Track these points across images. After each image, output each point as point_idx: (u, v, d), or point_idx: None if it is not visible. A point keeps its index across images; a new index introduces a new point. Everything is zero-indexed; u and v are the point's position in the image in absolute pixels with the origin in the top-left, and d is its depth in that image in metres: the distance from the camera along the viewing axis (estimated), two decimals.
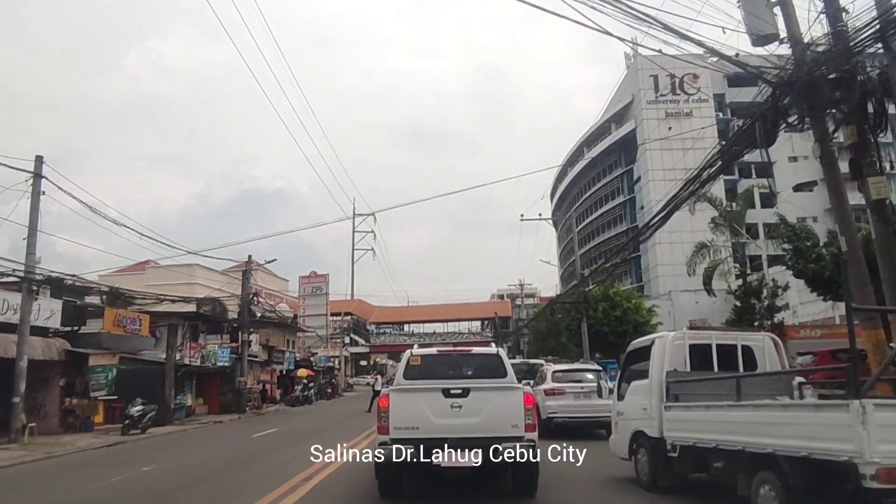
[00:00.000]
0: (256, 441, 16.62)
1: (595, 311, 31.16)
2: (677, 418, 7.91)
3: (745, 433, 6.40)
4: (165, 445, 16.47)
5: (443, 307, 75.26)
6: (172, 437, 18.94)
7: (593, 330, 30.64)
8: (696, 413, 7.56)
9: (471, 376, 8.33)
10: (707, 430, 7.16)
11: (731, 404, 6.94)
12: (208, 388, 28.82)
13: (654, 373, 8.44)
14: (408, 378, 8.21)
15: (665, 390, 8.19)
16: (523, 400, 7.72)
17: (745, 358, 8.42)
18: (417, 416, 7.57)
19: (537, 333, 45.99)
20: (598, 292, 32.05)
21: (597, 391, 13.55)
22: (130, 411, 18.68)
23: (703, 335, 8.90)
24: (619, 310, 31.52)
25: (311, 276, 59.82)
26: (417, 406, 7.66)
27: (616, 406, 9.77)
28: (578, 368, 17.25)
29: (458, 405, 7.60)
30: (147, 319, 22.20)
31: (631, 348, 10.12)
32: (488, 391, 7.81)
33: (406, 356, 8.56)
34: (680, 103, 66.82)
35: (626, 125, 71.32)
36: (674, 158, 64.07)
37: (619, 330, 30.68)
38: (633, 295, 33.26)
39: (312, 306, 58.91)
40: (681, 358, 8.46)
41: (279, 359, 39.58)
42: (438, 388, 7.74)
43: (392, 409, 7.64)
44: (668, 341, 8.59)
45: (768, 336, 8.98)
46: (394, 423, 7.58)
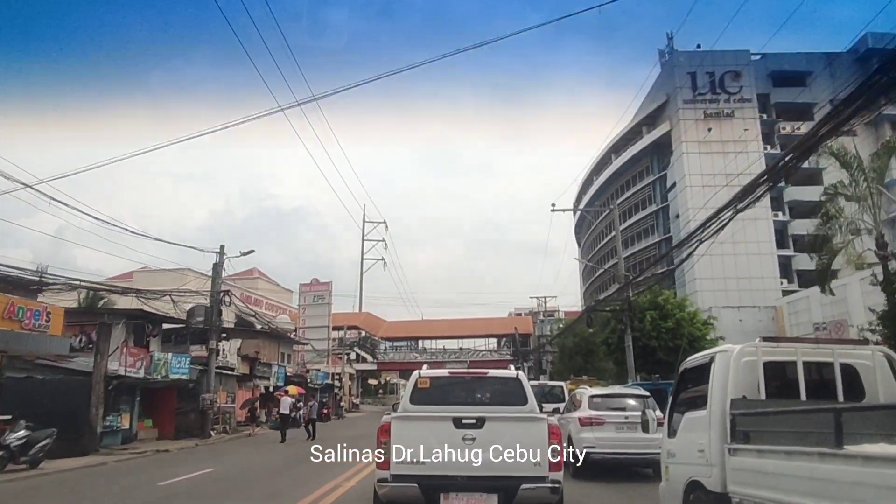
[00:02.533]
0: (156, 494, 11.04)
1: (641, 323, 25.37)
2: (746, 467, 5.62)
3: (848, 499, 4.14)
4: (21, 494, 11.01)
5: (458, 322, 69.25)
6: (67, 476, 13.47)
7: (639, 344, 24.90)
8: (773, 461, 5.17)
9: (487, 403, 7.50)
10: (791, 490, 4.79)
11: (828, 452, 4.42)
12: (161, 407, 23.43)
13: (715, 401, 6.23)
14: (415, 403, 7.33)
15: (730, 426, 5.95)
16: (548, 433, 6.78)
17: (846, 383, 6.14)
18: (424, 449, 6.65)
19: (563, 351, 40.03)
20: (644, 299, 26.28)
21: (641, 424, 10.12)
22: (7, 439, 13.24)
23: (783, 350, 6.41)
24: (670, 320, 25.73)
25: (313, 283, 54.57)
26: (424, 437, 6.73)
27: (666, 444, 7.37)
28: (621, 394, 14.28)
29: (472, 437, 6.69)
30: (59, 314, 16.80)
31: (684, 367, 7.48)
32: (506, 422, 6.88)
33: (413, 378, 7.75)
34: (720, 103, 61.12)
35: (659, 128, 65.67)
36: (713, 163, 58.48)
37: (671, 345, 24.88)
38: (686, 303, 27.38)
39: (314, 317, 53.62)
40: (752, 381, 6.16)
41: (264, 373, 34.03)
42: (449, 416, 6.84)
43: (394, 440, 6.73)
44: (734, 357, 6.29)
45: (881, 351, 6.44)
46: (396, 457, 6.66)
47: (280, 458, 16.83)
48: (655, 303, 26.42)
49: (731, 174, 54.17)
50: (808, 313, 47.21)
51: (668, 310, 26.26)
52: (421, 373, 7.78)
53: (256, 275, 61.88)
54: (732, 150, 57.34)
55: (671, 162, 63.68)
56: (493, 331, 68.74)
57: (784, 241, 58.72)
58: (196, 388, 24.40)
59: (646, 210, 68.56)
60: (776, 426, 5.63)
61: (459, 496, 6.56)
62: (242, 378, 30.59)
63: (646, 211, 68.45)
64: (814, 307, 46.97)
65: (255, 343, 40.90)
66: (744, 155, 55.25)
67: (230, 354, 27.98)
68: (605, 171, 78.62)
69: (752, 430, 5.78)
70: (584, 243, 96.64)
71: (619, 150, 74.44)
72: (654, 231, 67.43)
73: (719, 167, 57.00)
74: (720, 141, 59.54)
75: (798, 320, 47.82)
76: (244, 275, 61.48)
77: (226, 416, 26.44)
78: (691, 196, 58.28)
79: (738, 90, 61.03)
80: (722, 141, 59.47)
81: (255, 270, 62.82)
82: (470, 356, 65.18)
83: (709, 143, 59.73)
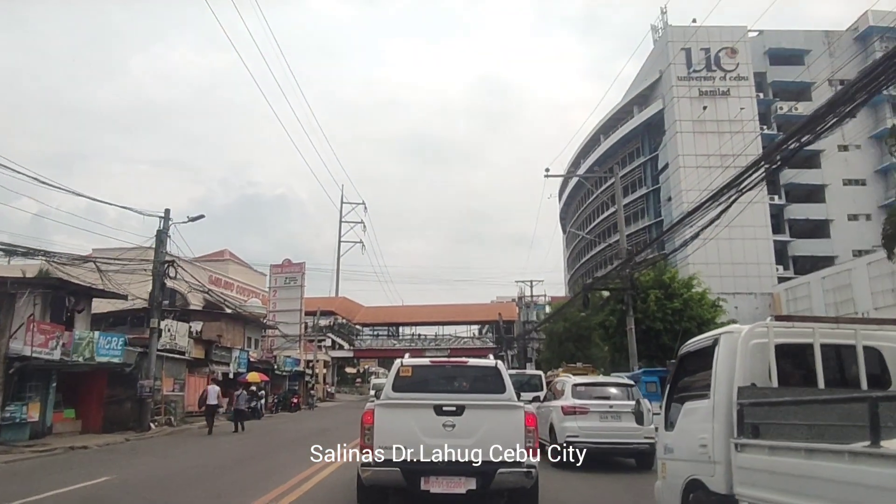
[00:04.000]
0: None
1: (643, 303, 22.43)
2: (757, 466, 4.70)
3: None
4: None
5: (439, 308, 65.95)
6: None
7: (641, 328, 21.94)
8: (790, 460, 4.29)
9: (466, 391, 7.65)
10: (813, 495, 3.97)
11: (862, 451, 3.60)
12: (87, 396, 20.06)
13: (720, 390, 5.34)
14: (397, 391, 7.43)
15: (737, 418, 5.04)
16: (524, 420, 7.02)
17: (870, 368, 5.20)
18: (405, 435, 6.85)
19: (552, 337, 37.00)
20: (648, 277, 23.31)
21: (635, 415, 9.40)
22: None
23: (798, 331, 5.36)
24: (677, 301, 22.81)
25: (285, 264, 51.09)
26: (406, 424, 6.94)
27: (663, 438, 6.47)
28: (604, 382, 14.19)
29: (451, 424, 6.90)
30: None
31: (684, 351, 6.45)
32: (485, 409, 7.11)
33: (396, 366, 7.77)
34: (716, 80, 58.47)
35: (651, 106, 62.79)
36: (708, 143, 55.72)
37: (677, 329, 21.93)
38: (693, 282, 24.43)
39: (285, 300, 50.10)
40: (763, 366, 5.22)
41: (223, 358, 30.69)
42: (430, 404, 7.03)
43: (377, 426, 6.95)
44: (742, 339, 5.32)
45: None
46: (378, 443, 6.87)
47: (209, 460, 13.65)
48: (660, 281, 23.49)
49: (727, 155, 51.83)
50: (809, 300, 44.79)
51: (674, 289, 23.37)
52: (403, 361, 7.85)
53: (227, 256, 58.34)
54: (728, 130, 54.71)
55: (664, 142, 60.88)
56: (475, 317, 65.60)
57: (780, 226, 56.31)
58: (135, 374, 21.07)
59: (636, 193, 65.74)
60: (792, 418, 4.93)
61: (439, 480, 6.73)
62: (195, 363, 27.23)
63: (636, 194, 65.63)
64: (815, 293, 44.58)
65: (217, 326, 37.56)
66: (740, 135, 52.75)
67: (179, 336, 24.60)
68: (592, 154, 75.72)
69: (763, 423, 5.00)
70: (569, 230, 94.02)
71: (608, 131, 71.58)
72: (645, 214, 64.75)
73: (714, 147, 54.43)
74: (715, 120, 56.84)
75: (798, 307, 45.32)
76: (214, 256, 58.16)
77: (171, 407, 23.12)
78: (685, 177, 55.59)
79: (735, 67, 58.43)
80: (717, 120, 56.78)
81: (226, 252, 59.23)
82: (451, 343, 62.05)
83: (703, 122, 57.03)
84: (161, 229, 21.52)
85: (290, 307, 49.69)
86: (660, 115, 61.04)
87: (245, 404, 26.19)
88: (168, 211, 21.81)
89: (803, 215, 56.72)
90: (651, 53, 64.22)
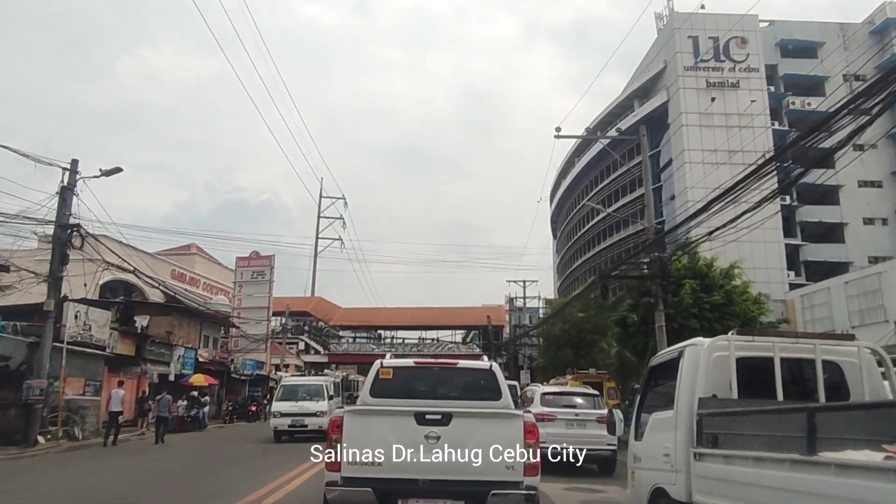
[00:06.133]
0: None
1: (675, 296, 17.95)
2: (713, 474, 5.01)
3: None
4: None
5: (422, 311, 61.18)
6: None
7: (673, 325, 17.41)
8: (741, 469, 4.61)
9: (456, 397, 6.81)
10: (759, 501, 4.33)
11: (799, 459, 3.99)
12: None
13: (682, 400, 5.63)
14: (375, 395, 6.61)
15: (696, 428, 5.33)
16: (524, 431, 6.04)
17: (829, 382, 5.52)
18: (380, 449, 5.90)
19: (550, 341, 32.36)
20: (679, 264, 18.86)
21: (606, 425, 11.59)
22: None
23: (760, 344, 5.66)
24: (717, 294, 18.31)
25: (252, 257, 46.18)
26: (381, 434, 5.96)
27: (632, 448, 6.84)
28: (571, 392, 14.83)
29: (436, 435, 5.94)
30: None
31: (653, 363, 6.95)
32: (477, 418, 6.16)
33: (375, 368, 6.92)
34: (724, 72, 54.66)
35: (653, 98, 58.71)
36: (716, 137, 51.76)
37: (717, 328, 17.49)
38: (735, 270, 19.98)
39: (252, 297, 45.15)
40: (724, 378, 5.51)
41: (161, 356, 25.77)
42: (410, 411, 6.05)
43: (347, 437, 5.92)
44: (704, 352, 5.66)
45: (867, 347, 5.69)
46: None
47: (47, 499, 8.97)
48: (695, 269, 19.00)
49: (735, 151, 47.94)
50: (829, 307, 40.55)
51: (712, 279, 18.86)
52: (383, 362, 7.08)
53: (194, 250, 53.56)
54: (737, 125, 50.84)
55: (667, 137, 56.76)
56: (461, 321, 60.77)
57: (791, 229, 52.31)
58: (24, 372, 16.24)
59: (635, 192, 61.50)
60: (748, 429, 5.01)
61: (420, 503, 5.86)
62: (121, 361, 22.30)
63: (635, 193, 61.38)
64: (836, 300, 40.46)
65: (166, 321, 32.65)
66: (749, 130, 48.91)
67: (97, 326, 19.73)
68: (588, 152, 71.69)
69: (721, 433, 5.18)
70: (560, 235, 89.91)
71: (605, 126, 67.48)
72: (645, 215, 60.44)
73: (722, 143, 50.52)
74: (723, 113, 52.97)
75: (815, 315, 41.11)
76: (181, 250, 53.23)
77: (77, 415, 18.20)
78: (690, 173, 51.56)
79: (745, 58, 54.67)
80: (726, 114, 52.91)
81: (193, 246, 54.48)
82: (435, 349, 57.23)
83: (711, 115, 53.11)
84: (65, 185, 16.68)
85: (257, 304, 44.76)
86: (663, 108, 57.12)
87: (185, 412, 21.44)
88: (75, 162, 17.00)
89: (816, 218, 52.76)
90: (654, 43, 60.36)
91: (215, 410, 32.65)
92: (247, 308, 44.26)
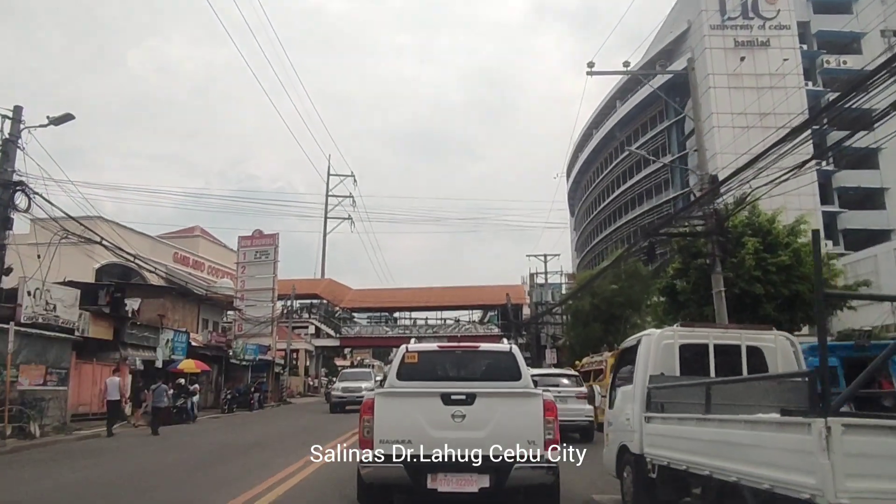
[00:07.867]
0: None
1: (734, 258, 15.09)
2: (656, 432, 6.65)
3: (711, 455, 5.23)
4: None
5: (436, 291, 58.40)
6: None
7: (734, 291, 14.60)
8: (670, 426, 6.37)
9: (478, 378, 7.13)
10: (678, 448, 5.97)
11: (700, 417, 5.67)
12: None
13: (639, 377, 7.23)
14: (402, 378, 6.88)
15: (647, 398, 6.93)
16: (543, 409, 6.46)
17: (752, 362, 6.94)
18: (410, 428, 6.30)
19: (578, 317, 29.51)
20: (737, 220, 15.98)
21: (587, 397, 14.96)
22: None
23: (696, 334, 7.36)
24: (783, 253, 15.43)
25: (255, 236, 43.57)
26: (410, 414, 6.39)
27: (607, 415, 8.65)
28: (556, 374, 17.03)
29: (461, 414, 6.34)
30: None
31: (622, 347, 8.88)
32: (499, 398, 6.56)
33: (401, 352, 7.27)
34: (753, 30, 51.38)
35: (676, 62, 55.18)
36: (745, 99, 48.36)
37: (785, 294, 14.56)
38: (802, 227, 17.07)
39: (255, 278, 42.65)
40: (671, 361, 7.08)
41: (145, 341, 23.31)
42: (437, 392, 6.49)
43: (378, 418, 6.35)
44: (654, 340, 7.30)
45: (782, 335, 7.21)
46: (379, 436, 6.28)
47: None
48: (756, 225, 16.11)
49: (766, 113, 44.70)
50: (876, 275, 37.64)
51: (776, 236, 15.97)
52: (409, 347, 7.36)
53: (198, 233, 51.33)
54: (768, 86, 47.52)
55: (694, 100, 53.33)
56: (478, 300, 57.96)
57: (828, 196, 49.01)
58: None
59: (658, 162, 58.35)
60: (680, 398, 6.54)
61: (448, 477, 6.20)
62: (95, 346, 19.84)
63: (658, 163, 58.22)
64: (884, 269, 37.49)
65: (159, 304, 30.28)
66: (781, 91, 45.61)
67: (63, 306, 17.24)
68: (607, 122, 68.48)
69: (665, 402, 6.69)
70: (577, 212, 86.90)
71: (625, 94, 64.19)
72: (670, 185, 57.44)
73: (752, 105, 47.16)
74: (754, 74, 49.68)
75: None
76: (184, 232, 50.92)
77: (35, 409, 15.64)
78: (718, 138, 48.27)
79: (775, 15, 51.36)
80: (756, 74, 49.60)
81: (196, 228, 52.32)
82: (452, 331, 54.59)
83: (740, 76, 49.81)
84: (7, 136, 14.07)
85: (261, 286, 42.28)
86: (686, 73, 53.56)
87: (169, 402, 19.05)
88: (19, 109, 14.40)
89: (854, 183, 49.37)
90: (676, 3, 56.78)
91: (212, 399, 30.29)
92: (250, 290, 41.81)
